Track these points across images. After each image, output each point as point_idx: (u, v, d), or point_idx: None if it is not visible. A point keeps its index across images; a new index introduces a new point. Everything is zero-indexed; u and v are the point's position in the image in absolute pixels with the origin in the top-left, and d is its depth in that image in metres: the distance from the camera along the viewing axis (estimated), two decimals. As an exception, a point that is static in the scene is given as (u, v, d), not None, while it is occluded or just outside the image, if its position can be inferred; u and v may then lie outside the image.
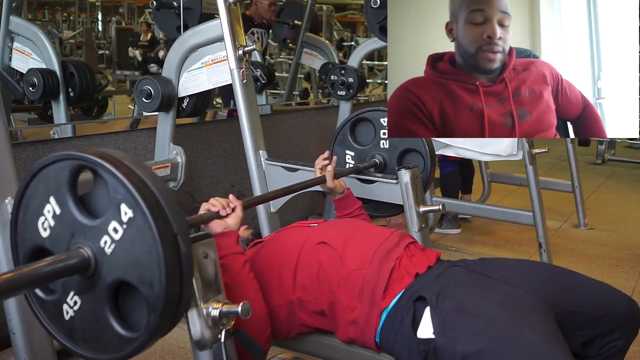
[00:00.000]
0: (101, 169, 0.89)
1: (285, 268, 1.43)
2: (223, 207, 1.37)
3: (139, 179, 0.88)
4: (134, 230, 0.87)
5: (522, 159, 3.21)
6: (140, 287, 0.88)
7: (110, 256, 0.90)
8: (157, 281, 0.86)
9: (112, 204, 0.89)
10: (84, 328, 0.96)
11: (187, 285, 0.91)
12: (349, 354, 1.42)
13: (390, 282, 1.37)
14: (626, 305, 1.39)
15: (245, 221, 1.48)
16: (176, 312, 0.91)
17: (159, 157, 2.39)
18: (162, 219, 0.87)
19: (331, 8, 7.56)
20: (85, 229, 0.92)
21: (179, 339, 2.28)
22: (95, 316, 0.94)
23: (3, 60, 2.76)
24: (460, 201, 3.57)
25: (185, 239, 0.90)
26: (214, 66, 2.20)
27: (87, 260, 0.91)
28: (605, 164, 6.49)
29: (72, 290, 0.96)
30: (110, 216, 0.89)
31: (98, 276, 0.92)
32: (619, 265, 3.24)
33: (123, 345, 0.92)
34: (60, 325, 0.99)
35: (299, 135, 3.65)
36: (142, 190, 0.87)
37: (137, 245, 0.87)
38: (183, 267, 0.89)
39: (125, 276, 0.89)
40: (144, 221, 0.86)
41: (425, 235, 1.88)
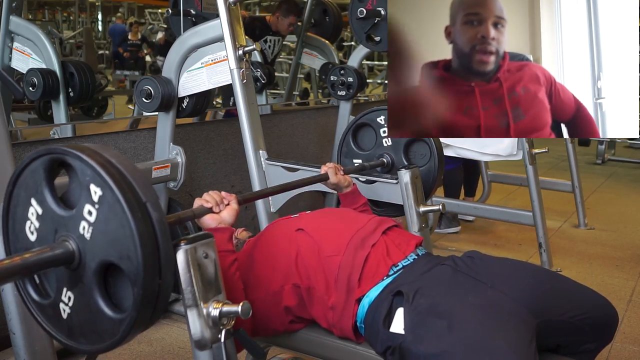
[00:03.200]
0: (68, 157, 0.92)
1: (268, 259, 1.45)
2: (217, 203, 1.34)
3: (103, 158, 0.90)
4: (105, 208, 0.89)
5: (522, 159, 3.21)
6: (121, 264, 0.89)
7: (90, 241, 0.91)
8: (133, 253, 0.87)
9: (83, 187, 0.91)
10: (81, 322, 0.96)
11: (165, 253, 0.91)
12: (349, 353, 1.42)
13: (365, 270, 1.38)
14: (607, 315, 1.41)
15: (245, 221, 1.48)
16: (160, 283, 0.91)
17: (159, 157, 2.39)
18: (129, 190, 0.88)
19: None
20: (66, 221, 0.94)
21: (179, 339, 2.28)
22: (88, 306, 0.94)
23: (3, 60, 2.76)
24: (460, 201, 3.57)
25: (156, 206, 0.90)
26: (214, 66, 2.20)
27: (70, 251, 0.92)
28: (605, 164, 6.49)
29: (65, 287, 0.97)
30: (84, 200, 0.91)
31: (84, 265, 0.93)
32: (619, 265, 3.24)
33: (116, 328, 0.92)
34: (61, 325, 0.99)
35: (299, 135, 3.65)
36: (106, 166, 0.89)
37: (111, 223, 0.89)
38: (158, 234, 0.89)
39: (107, 257, 0.90)
40: (112, 196, 0.88)
41: (425, 235, 1.88)
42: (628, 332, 2.43)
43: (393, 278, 1.38)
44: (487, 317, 1.22)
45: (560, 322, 1.34)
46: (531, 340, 1.22)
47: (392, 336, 1.28)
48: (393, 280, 1.37)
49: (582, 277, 2.95)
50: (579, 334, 1.37)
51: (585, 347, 1.39)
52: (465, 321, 1.21)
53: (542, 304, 1.32)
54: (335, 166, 1.81)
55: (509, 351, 1.15)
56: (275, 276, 1.42)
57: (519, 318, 1.25)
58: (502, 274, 1.37)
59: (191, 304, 1.04)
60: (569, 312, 1.35)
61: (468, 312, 1.23)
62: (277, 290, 1.42)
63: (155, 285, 0.90)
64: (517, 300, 1.29)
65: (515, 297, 1.29)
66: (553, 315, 1.33)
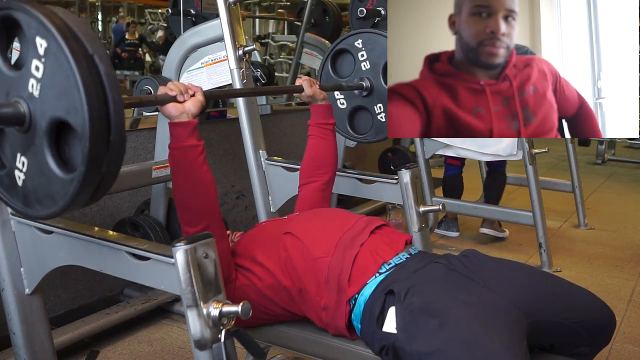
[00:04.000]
0: (13, 10, 0.89)
1: (258, 253, 1.45)
2: (181, 92, 1.26)
3: (48, 10, 0.87)
4: (51, 61, 0.86)
5: (522, 159, 3.21)
6: (69, 119, 0.86)
7: (39, 98, 0.89)
8: (79, 105, 0.84)
9: (30, 42, 0.88)
10: (35, 187, 0.94)
11: (114, 106, 0.86)
12: (349, 353, 1.42)
13: (355, 269, 1.38)
14: (603, 319, 1.40)
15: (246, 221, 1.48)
16: (107, 138, 0.86)
17: (159, 157, 2.39)
18: (74, 40, 0.85)
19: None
20: (16, 82, 0.91)
21: (179, 339, 2.28)
22: (41, 170, 0.92)
23: (3, 60, 2.76)
24: (460, 201, 3.56)
25: (104, 59, 0.86)
26: (214, 66, 2.20)
27: (21, 112, 0.89)
28: (605, 164, 6.49)
29: (18, 152, 0.95)
30: (30, 55, 0.88)
31: (34, 125, 0.90)
32: (619, 265, 3.24)
33: (67, 189, 0.89)
34: (17, 194, 0.98)
35: (299, 135, 3.65)
36: (51, 17, 0.85)
37: (57, 76, 0.86)
38: (106, 87, 0.85)
39: (55, 113, 0.87)
40: (57, 46, 0.84)
41: (425, 235, 1.88)
42: (628, 332, 2.43)
43: (385, 275, 1.37)
44: (479, 315, 1.22)
45: (553, 323, 1.34)
46: (522, 339, 1.22)
47: (385, 335, 1.28)
48: (385, 278, 1.36)
49: (582, 277, 2.95)
50: (574, 336, 1.36)
51: (580, 349, 1.38)
52: (457, 319, 1.21)
53: (535, 305, 1.32)
54: (310, 79, 1.77)
55: (501, 348, 1.15)
56: (263, 273, 1.43)
57: (511, 317, 1.25)
58: (496, 273, 1.37)
59: (191, 304, 1.04)
60: (563, 313, 1.34)
61: (460, 309, 1.23)
62: (255, 283, 1.42)
63: (104, 141, 0.86)
64: (509, 299, 1.28)
65: (507, 296, 1.29)
66: (546, 316, 1.33)
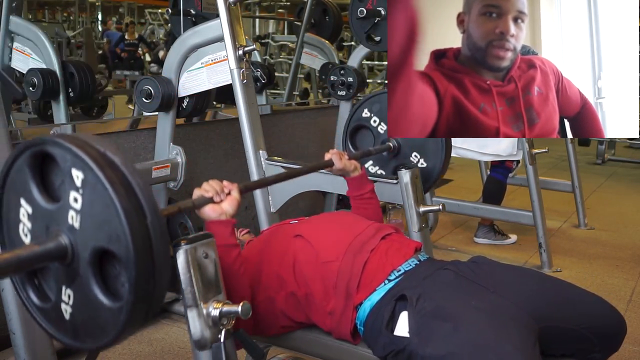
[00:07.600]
0: (47, 145, 0.89)
1: (266, 265, 1.44)
2: (217, 192, 1.25)
3: (81, 141, 0.87)
4: (89, 190, 0.86)
5: (522, 159, 3.21)
6: (112, 247, 0.85)
7: (80, 230, 0.88)
8: (121, 232, 0.83)
9: (66, 174, 0.88)
10: (83, 319, 0.94)
11: (155, 228, 0.86)
12: (348, 354, 1.42)
13: (364, 276, 1.37)
14: (614, 325, 1.40)
15: (246, 221, 1.48)
16: (153, 263, 0.86)
17: (159, 157, 2.39)
18: (110, 169, 0.85)
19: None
20: (55, 215, 0.91)
21: (179, 339, 2.28)
22: (87, 301, 0.92)
23: (3, 60, 2.76)
24: (460, 201, 3.56)
25: (140, 185, 0.86)
26: (214, 66, 2.20)
27: (62, 245, 0.89)
28: (605, 164, 6.48)
29: (63, 285, 0.94)
30: (68, 187, 0.88)
31: (78, 256, 0.90)
32: (619, 265, 3.24)
33: (116, 319, 0.89)
34: (65, 328, 0.98)
35: (299, 135, 3.65)
36: (85, 148, 0.86)
37: (96, 205, 0.85)
38: (146, 212, 0.85)
39: (97, 243, 0.87)
40: (93, 175, 0.84)
41: (425, 235, 1.88)
42: (628, 332, 2.40)
43: (395, 282, 1.37)
44: (491, 319, 1.22)
45: (563, 329, 1.33)
46: (535, 343, 1.22)
47: (396, 339, 1.27)
48: (395, 285, 1.36)
49: (582, 277, 2.95)
50: (585, 343, 1.36)
51: (592, 356, 1.38)
52: (470, 323, 1.21)
53: (546, 310, 1.32)
54: (339, 152, 1.75)
55: (515, 351, 1.16)
56: (271, 282, 1.42)
57: (522, 322, 1.25)
58: (505, 280, 1.37)
59: (191, 304, 1.04)
60: (573, 320, 1.34)
61: (472, 314, 1.23)
62: (272, 296, 1.41)
63: (149, 266, 0.86)
64: (519, 305, 1.28)
65: (517, 302, 1.29)
66: (556, 322, 1.32)
